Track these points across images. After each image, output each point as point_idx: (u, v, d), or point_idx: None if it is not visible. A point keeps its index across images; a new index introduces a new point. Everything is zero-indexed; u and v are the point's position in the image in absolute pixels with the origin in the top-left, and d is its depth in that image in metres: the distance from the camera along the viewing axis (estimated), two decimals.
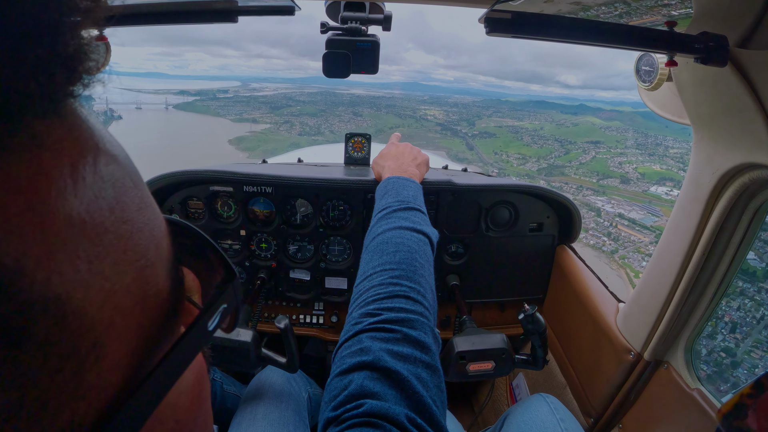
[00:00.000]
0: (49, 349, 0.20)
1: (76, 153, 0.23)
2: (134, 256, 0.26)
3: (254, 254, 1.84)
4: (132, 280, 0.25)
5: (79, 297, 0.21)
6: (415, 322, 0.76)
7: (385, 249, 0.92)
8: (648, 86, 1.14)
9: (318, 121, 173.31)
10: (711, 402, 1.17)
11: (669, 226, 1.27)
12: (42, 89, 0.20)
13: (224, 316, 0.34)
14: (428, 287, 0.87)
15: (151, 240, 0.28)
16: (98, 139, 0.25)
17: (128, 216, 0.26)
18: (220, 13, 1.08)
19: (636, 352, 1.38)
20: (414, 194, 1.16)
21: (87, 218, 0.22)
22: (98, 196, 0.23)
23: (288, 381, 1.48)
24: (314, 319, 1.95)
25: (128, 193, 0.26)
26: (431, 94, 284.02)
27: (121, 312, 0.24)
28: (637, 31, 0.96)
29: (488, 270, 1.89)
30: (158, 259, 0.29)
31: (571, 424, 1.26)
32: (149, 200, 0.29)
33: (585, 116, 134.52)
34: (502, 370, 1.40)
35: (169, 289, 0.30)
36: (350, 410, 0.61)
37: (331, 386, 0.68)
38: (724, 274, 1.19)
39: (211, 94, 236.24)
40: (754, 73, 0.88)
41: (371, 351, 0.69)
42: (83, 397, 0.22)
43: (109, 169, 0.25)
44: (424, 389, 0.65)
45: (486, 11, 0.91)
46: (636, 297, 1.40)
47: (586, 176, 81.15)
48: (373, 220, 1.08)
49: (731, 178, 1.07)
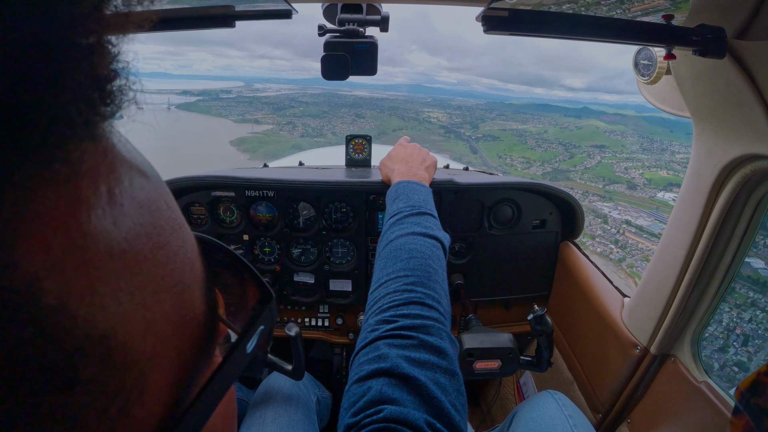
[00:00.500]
0: (96, 389, 0.19)
1: (112, 178, 0.22)
2: (171, 282, 0.25)
3: (258, 258, 1.84)
4: (171, 307, 0.25)
5: (122, 331, 0.20)
6: (431, 328, 0.76)
7: (399, 255, 0.92)
8: (647, 80, 1.14)
9: (320, 122, 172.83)
10: (719, 394, 1.17)
11: (672, 219, 1.27)
12: (83, 116, 0.19)
13: (261, 338, 0.34)
14: (443, 293, 0.87)
15: (185, 262, 0.27)
16: (131, 162, 0.24)
17: (165, 240, 0.25)
18: (218, 18, 1.09)
19: (642, 346, 1.38)
20: (425, 198, 1.16)
21: (127, 247, 0.21)
22: (136, 223, 0.22)
23: (296, 385, 1.48)
24: (320, 322, 1.95)
25: (163, 216, 0.26)
26: (434, 96, 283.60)
27: (162, 341, 0.24)
28: (634, 25, 0.96)
29: (492, 268, 1.89)
30: (194, 281, 0.28)
31: (580, 420, 1.26)
32: (181, 220, 0.29)
33: (589, 120, 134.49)
34: (507, 370, 1.40)
35: (205, 312, 0.30)
36: (370, 416, 0.62)
37: (350, 393, 0.69)
38: (728, 266, 1.19)
39: (214, 94, 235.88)
40: (752, 64, 0.88)
41: (389, 358, 0.69)
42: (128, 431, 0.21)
43: (144, 192, 0.24)
44: (443, 394, 0.66)
45: (483, 9, 0.91)
46: (641, 291, 1.40)
47: (591, 181, 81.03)
48: (385, 226, 1.08)
49: (733, 169, 1.06)
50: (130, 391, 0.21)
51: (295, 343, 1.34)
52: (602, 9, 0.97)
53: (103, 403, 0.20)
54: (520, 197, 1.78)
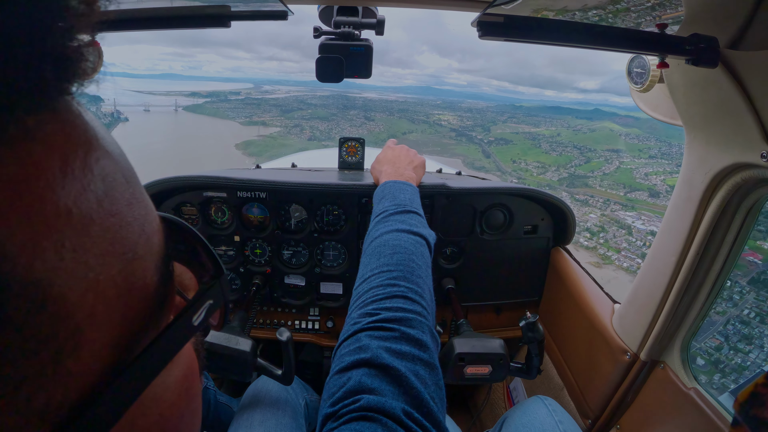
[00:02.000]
0: (26, 332, 0.20)
1: (67, 147, 0.23)
2: (121, 249, 0.26)
3: (249, 260, 1.83)
4: (117, 272, 0.26)
5: (60, 284, 0.22)
6: (413, 321, 0.76)
7: (383, 251, 0.93)
8: (639, 88, 1.15)
9: (329, 125, 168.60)
10: (708, 401, 1.18)
11: (663, 226, 1.28)
12: (31, 85, 0.21)
13: (210, 312, 0.35)
14: (426, 288, 0.87)
15: (141, 234, 0.29)
16: (92, 135, 0.26)
17: (117, 209, 0.26)
18: (212, 18, 1.08)
19: (632, 352, 1.38)
20: (410, 197, 1.17)
21: (74, 209, 0.23)
22: (86, 189, 0.24)
23: (285, 388, 1.47)
24: (310, 325, 1.94)
25: (119, 188, 0.27)
26: (444, 98, 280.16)
27: (104, 302, 0.25)
28: (628, 33, 0.97)
29: (484, 273, 1.89)
30: (147, 253, 0.29)
31: (570, 425, 1.26)
32: (142, 197, 0.30)
33: (602, 122, 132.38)
34: (497, 376, 1.40)
35: (157, 283, 0.31)
36: (347, 405, 0.62)
37: (330, 384, 0.69)
38: (718, 273, 1.20)
39: (222, 95, 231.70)
40: (744, 73, 0.89)
41: (369, 348, 0.70)
42: (61, 382, 0.22)
43: (100, 164, 0.26)
44: (422, 385, 0.66)
45: (478, 15, 0.92)
46: (631, 297, 1.41)
47: (612, 188, 77.51)
48: (370, 225, 1.09)
49: (723, 178, 1.07)
50: (64, 341, 0.22)
51: (285, 348, 1.33)
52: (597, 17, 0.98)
53: (33, 346, 0.21)
54: (512, 202, 1.79)
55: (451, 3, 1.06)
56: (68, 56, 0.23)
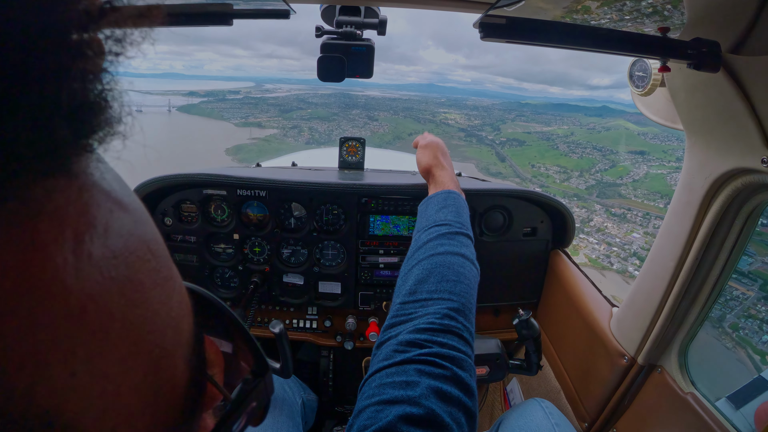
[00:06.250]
0: None
1: (83, 221, 0.18)
2: (147, 347, 0.21)
3: (247, 258, 1.83)
4: (143, 377, 0.21)
5: (71, 409, 0.17)
6: (464, 362, 0.73)
7: (446, 275, 0.89)
8: (641, 91, 1.15)
9: (329, 126, 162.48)
10: (704, 406, 1.18)
11: (662, 230, 1.27)
12: (40, 148, 0.16)
13: (252, 415, 0.29)
14: (473, 328, 0.84)
15: (168, 323, 0.23)
16: (114, 202, 0.20)
17: (143, 298, 0.21)
18: (214, 15, 1.08)
19: (630, 356, 1.38)
20: (467, 219, 1.14)
21: (90, 305, 0.18)
22: (106, 276, 0.19)
23: (281, 386, 1.46)
24: (308, 324, 1.94)
25: (144, 268, 0.21)
26: (448, 96, 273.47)
27: (127, 420, 0.20)
28: (630, 37, 0.96)
29: (482, 274, 1.89)
30: (176, 345, 0.24)
31: (567, 428, 1.26)
32: (168, 271, 0.24)
33: (616, 120, 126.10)
34: (496, 376, 1.39)
35: (188, 380, 0.25)
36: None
37: (365, 414, 0.65)
38: (717, 279, 1.19)
39: (221, 95, 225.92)
40: (746, 78, 0.88)
41: (418, 386, 0.66)
42: None
43: (123, 240, 0.20)
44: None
45: (481, 16, 0.92)
46: (629, 301, 1.40)
47: (648, 199, 68.77)
48: (428, 228, 1.05)
49: (724, 182, 1.07)
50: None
51: (280, 340, 1.33)
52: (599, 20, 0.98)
53: None
54: (512, 205, 1.79)
55: (453, 4, 1.06)
56: (89, 104, 0.18)
